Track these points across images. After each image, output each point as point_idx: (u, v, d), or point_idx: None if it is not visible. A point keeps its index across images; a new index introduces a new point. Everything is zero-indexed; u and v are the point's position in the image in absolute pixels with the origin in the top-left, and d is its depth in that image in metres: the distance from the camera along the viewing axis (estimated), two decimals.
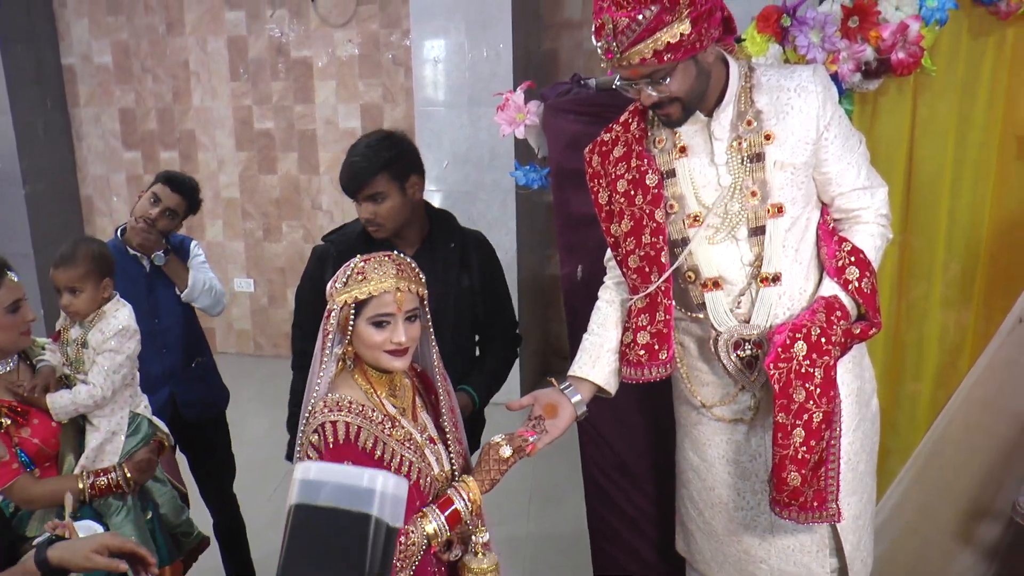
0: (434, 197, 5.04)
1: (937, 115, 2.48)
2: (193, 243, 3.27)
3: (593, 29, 1.85)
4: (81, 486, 2.33)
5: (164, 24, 5.88)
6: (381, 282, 1.76)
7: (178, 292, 3.11)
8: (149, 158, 6.11)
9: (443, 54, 4.95)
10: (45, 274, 2.63)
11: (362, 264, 1.78)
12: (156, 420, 2.63)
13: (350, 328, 1.79)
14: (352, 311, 1.77)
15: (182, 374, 3.14)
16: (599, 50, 1.84)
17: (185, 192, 3.11)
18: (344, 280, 1.78)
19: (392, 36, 5.56)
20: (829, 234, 2.04)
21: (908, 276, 2.64)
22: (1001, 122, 2.47)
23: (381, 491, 1.58)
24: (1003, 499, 2.61)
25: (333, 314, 1.78)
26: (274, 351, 6.19)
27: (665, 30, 1.76)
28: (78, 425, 2.46)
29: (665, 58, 1.79)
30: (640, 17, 1.75)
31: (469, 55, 4.89)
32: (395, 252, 1.85)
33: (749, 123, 1.95)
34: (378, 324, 1.77)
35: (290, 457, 2.32)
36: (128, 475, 2.42)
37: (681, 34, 1.77)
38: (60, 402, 2.37)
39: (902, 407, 2.74)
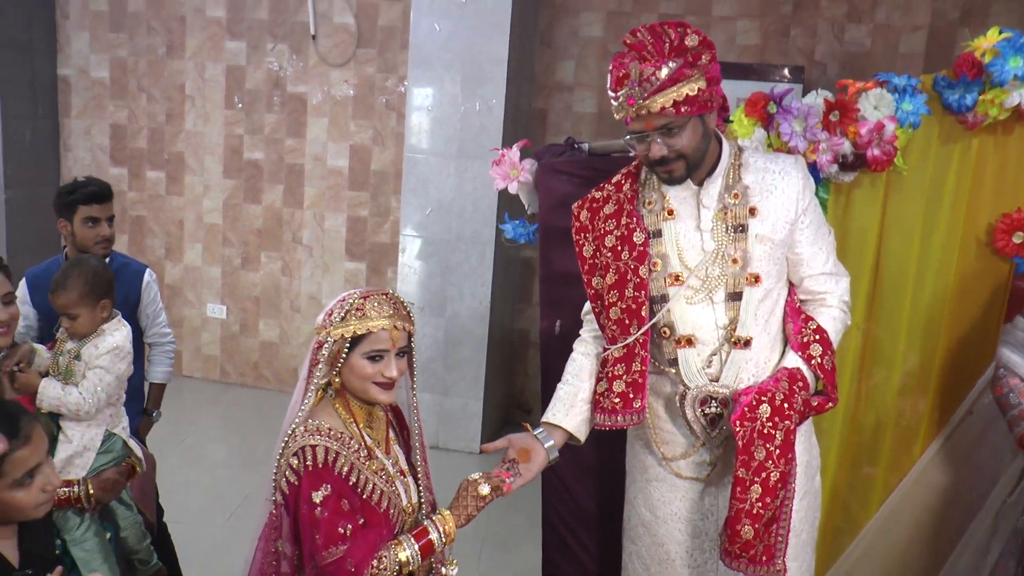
0: (415, 244, 5.14)
1: (906, 212, 2.63)
2: (148, 274, 3.16)
3: (612, 80, 1.99)
4: None
5: (165, 46, 5.96)
6: (380, 320, 1.85)
7: None
8: (135, 175, 6.14)
9: (436, 103, 5.05)
10: (16, 281, 2.61)
11: (361, 301, 1.86)
12: (132, 443, 2.63)
13: (341, 360, 1.86)
14: (347, 345, 1.85)
15: None
16: (620, 98, 1.98)
17: (107, 195, 3.06)
18: (342, 315, 1.85)
19: (388, 81, 5.68)
20: (796, 312, 2.17)
21: (870, 362, 2.75)
22: (963, 224, 2.62)
23: None
24: None
25: (326, 346, 1.86)
26: (240, 379, 6.15)
27: (685, 83, 1.93)
28: (51, 434, 2.46)
29: (682, 110, 1.95)
30: (665, 68, 1.92)
31: (462, 107, 5.00)
32: (390, 291, 1.93)
33: (736, 196, 2.09)
34: (372, 358, 1.86)
35: None
36: (91, 491, 2.43)
37: (699, 89, 1.94)
38: (51, 391, 2.41)
39: (855, 489, 2.83)
